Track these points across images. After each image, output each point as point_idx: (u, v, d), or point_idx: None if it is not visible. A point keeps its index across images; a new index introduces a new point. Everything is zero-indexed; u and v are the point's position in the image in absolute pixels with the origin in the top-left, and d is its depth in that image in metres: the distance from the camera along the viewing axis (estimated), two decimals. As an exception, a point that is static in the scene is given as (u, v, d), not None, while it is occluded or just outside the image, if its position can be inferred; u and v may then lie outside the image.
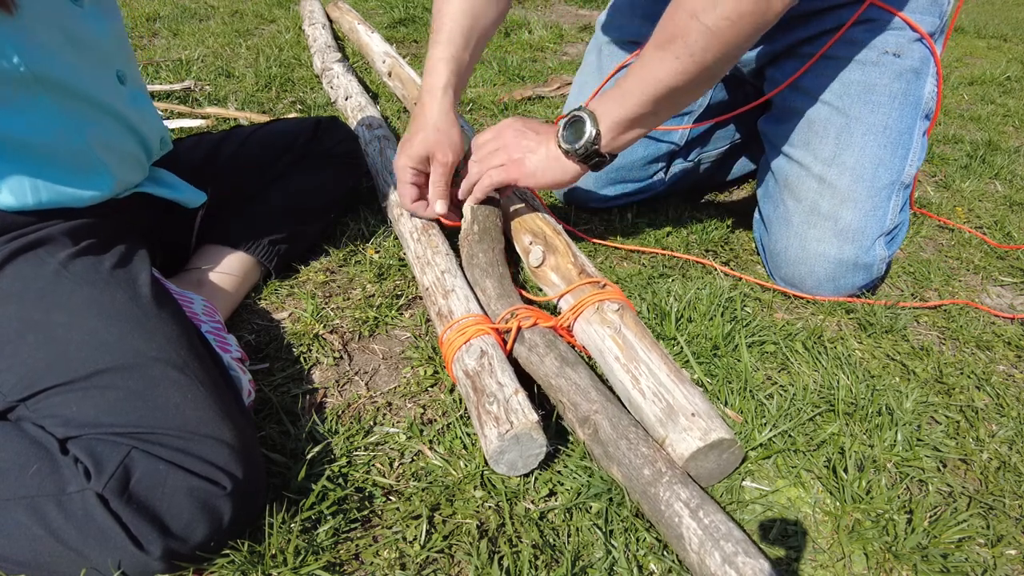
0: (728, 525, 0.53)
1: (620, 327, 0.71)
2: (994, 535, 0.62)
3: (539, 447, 0.62)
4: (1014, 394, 0.79)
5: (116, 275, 0.64)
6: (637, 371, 0.67)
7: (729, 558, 0.50)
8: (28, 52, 0.59)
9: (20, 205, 0.63)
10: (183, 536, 0.51)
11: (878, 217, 0.89)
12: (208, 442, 0.54)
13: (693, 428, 0.60)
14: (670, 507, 0.55)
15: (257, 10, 2.44)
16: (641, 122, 0.79)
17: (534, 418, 0.61)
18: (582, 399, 0.64)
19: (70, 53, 0.64)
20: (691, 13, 0.69)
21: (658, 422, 0.62)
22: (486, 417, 0.63)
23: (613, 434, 0.61)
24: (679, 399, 0.62)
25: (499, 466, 0.63)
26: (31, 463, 0.51)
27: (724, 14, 0.68)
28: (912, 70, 0.88)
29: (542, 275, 0.84)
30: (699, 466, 0.61)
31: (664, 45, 0.72)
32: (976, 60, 2.45)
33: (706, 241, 1.08)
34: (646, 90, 0.75)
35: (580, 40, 2.32)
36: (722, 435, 0.59)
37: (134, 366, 0.56)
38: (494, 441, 0.61)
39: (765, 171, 1.01)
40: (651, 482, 0.57)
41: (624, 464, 0.59)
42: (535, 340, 0.71)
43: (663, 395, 0.63)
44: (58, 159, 0.64)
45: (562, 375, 0.67)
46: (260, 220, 0.92)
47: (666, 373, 0.66)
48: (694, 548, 0.52)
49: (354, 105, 1.42)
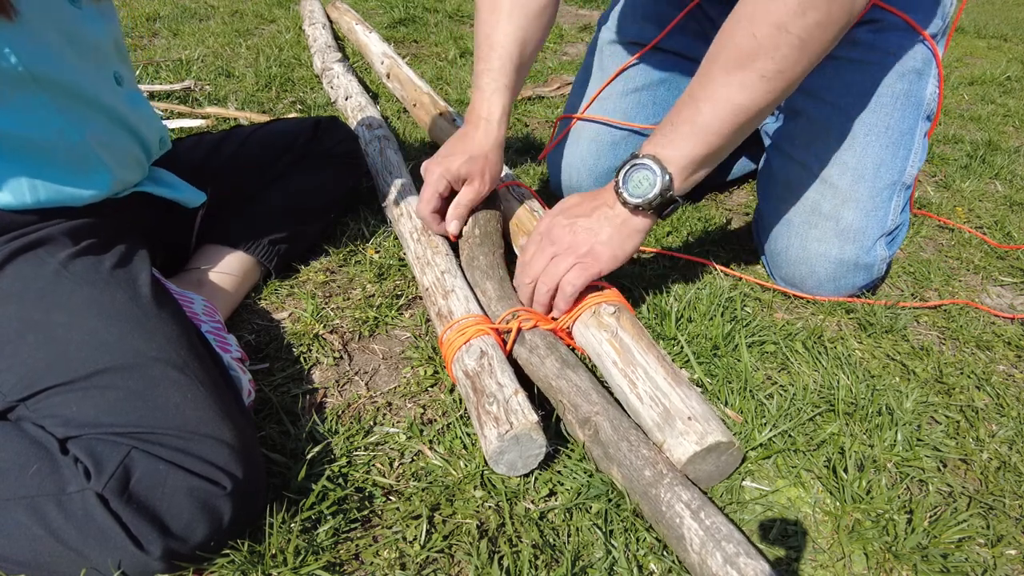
0: (729, 527, 0.53)
1: (616, 330, 0.71)
2: (994, 535, 0.62)
3: (539, 447, 0.62)
4: (1014, 394, 0.79)
5: (116, 275, 0.64)
6: (634, 375, 0.67)
7: (731, 559, 0.50)
8: (26, 52, 0.59)
9: (19, 204, 0.63)
10: (183, 536, 0.51)
11: (879, 217, 0.89)
12: (208, 442, 0.54)
13: (689, 432, 0.60)
14: (671, 508, 0.55)
15: (257, 10, 2.44)
16: (718, 155, 0.71)
17: (534, 418, 0.61)
18: (583, 401, 0.64)
19: (69, 53, 0.64)
20: (777, 25, 0.62)
21: (655, 427, 0.62)
22: (486, 418, 0.63)
23: (614, 436, 0.61)
24: (676, 403, 0.62)
25: (499, 466, 0.63)
26: (31, 463, 0.51)
27: (817, 20, 0.61)
28: (914, 71, 0.88)
29: None
30: (698, 469, 0.61)
31: (744, 65, 0.65)
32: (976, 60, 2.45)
33: (706, 241, 1.08)
34: (725, 119, 0.67)
35: (580, 40, 2.32)
36: (719, 438, 0.59)
37: (134, 366, 0.56)
38: (494, 441, 0.61)
39: (766, 171, 1.01)
40: (652, 483, 0.57)
41: (625, 465, 0.59)
42: (536, 342, 0.71)
43: (660, 399, 0.63)
44: (57, 158, 0.64)
45: (563, 376, 0.67)
46: (260, 220, 0.92)
47: (663, 376, 0.65)
48: (695, 549, 0.52)
49: (354, 105, 1.42)
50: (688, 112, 0.69)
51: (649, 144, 0.73)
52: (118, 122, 0.71)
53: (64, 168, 0.65)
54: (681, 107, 0.70)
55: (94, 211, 0.69)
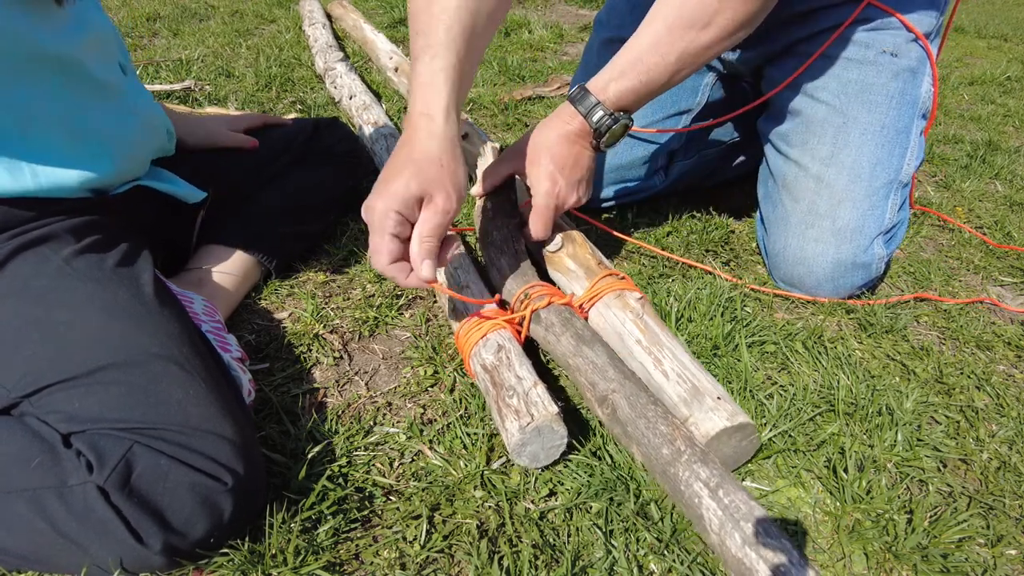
0: (749, 504, 0.52)
1: (642, 314, 0.73)
2: (994, 535, 0.62)
3: (560, 438, 0.63)
4: (1014, 394, 0.79)
5: (119, 272, 0.64)
6: (660, 354, 0.68)
7: (749, 539, 0.50)
8: (53, 33, 0.61)
9: (20, 189, 0.62)
10: (183, 531, 0.51)
11: (876, 216, 0.89)
12: (210, 438, 0.54)
13: (720, 409, 0.61)
14: (690, 487, 0.54)
15: (257, 10, 2.44)
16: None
17: (554, 410, 0.61)
18: (600, 378, 0.64)
19: (83, 38, 0.65)
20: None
21: (682, 402, 0.63)
22: (507, 411, 0.63)
23: (632, 414, 0.60)
24: (704, 383, 0.64)
25: (521, 458, 0.63)
26: (34, 456, 0.52)
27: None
28: (909, 69, 0.89)
29: (558, 261, 0.84)
30: (718, 449, 0.61)
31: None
32: (976, 60, 2.45)
33: (706, 241, 1.08)
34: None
35: (580, 40, 2.32)
36: (747, 420, 0.60)
37: (136, 362, 0.56)
38: (515, 434, 0.61)
39: (764, 171, 1.01)
40: (670, 462, 0.56)
41: (643, 444, 0.59)
42: (551, 319, 0.71)
43: (688, 377, 0.65)
44: (60, 140, 0.64)
45: (579, 354, 0.67)
46: (260, 220, 0.92)
47: (689, 359, 0.67)
48: (715, 529, 0.52)
49: (359, 104, 1.43)
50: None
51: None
52: (125, 109, 0.71)
53: (66, 151, 0.65)
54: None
55: (95, 206, 0.69)
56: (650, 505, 0.62)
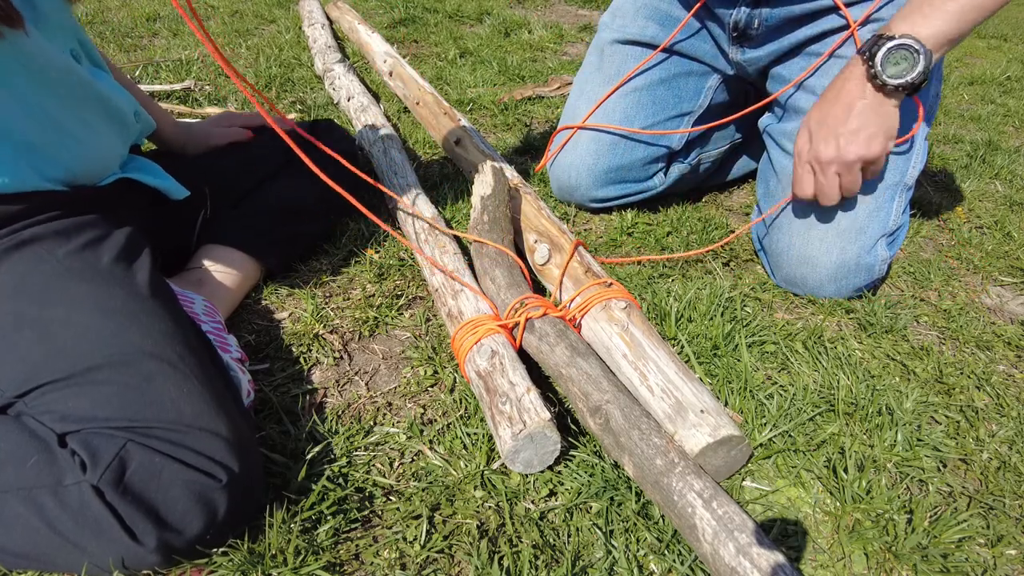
0: (742, 516, 0.52)
1: (628, 324, 0.72)
2: (994, 535, 0.62)
3: (553, 444, 0.63)
4: (1014, 394, 0.79)
5: (114, 271, 0.64)
6: (645, 368, 0.67)
7: (744, 549, 0.50)
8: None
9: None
10: (178, 528, 0.51)
11: (880, 218, 0.89)
12: (203, 435, 0.54)
13: (703, 424, 0.60)
14: (683, 497, 0.55)
15: (257, 10, 2.44)
16: (964, 37, 0.75)
17: (547, 416, 0.61)
18: (593, 389, 0.64)
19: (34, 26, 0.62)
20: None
21: (667, 418, 0.62)
22: (500, 417, 0.63)
23: (625, 424, 0.61)
24: (688, 396, 0.63)
25: (515, 465, 0.63)
26: (30, 455, 0.52)
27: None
28: None
29: (547, 273, 0.84)
30: (707, 463, 0.61)
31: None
32: (976, 60, 2.45)
33: (706, 241, 1.08)
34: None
35: (580, 40, 2.32)
36: (732, 432, 0.60)
37: (130, 361, 0.56)
38: (508, 441, 0.61)
39: (766, 170, 1.01)
40: (664, 472, 0.57)
41: (636, 454, 0.59)
42: (546, 330, 0.71)
43: (671, 392, 0.64)
44: (21, 133, 0.62)
45: (573, 364, 0.67)
46: (260, 220, 0.92)
47: (674, 370, 0.66)
48: (707, 539, 0.52)
49: (356, 106, 1.43)
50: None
51: (903, 23, 0.74)
52: (84, 94, 0.68)
53: (28, 144, 0.63)
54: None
55: (86, 202, 0.69)
56: (650, 505, 0.62)
